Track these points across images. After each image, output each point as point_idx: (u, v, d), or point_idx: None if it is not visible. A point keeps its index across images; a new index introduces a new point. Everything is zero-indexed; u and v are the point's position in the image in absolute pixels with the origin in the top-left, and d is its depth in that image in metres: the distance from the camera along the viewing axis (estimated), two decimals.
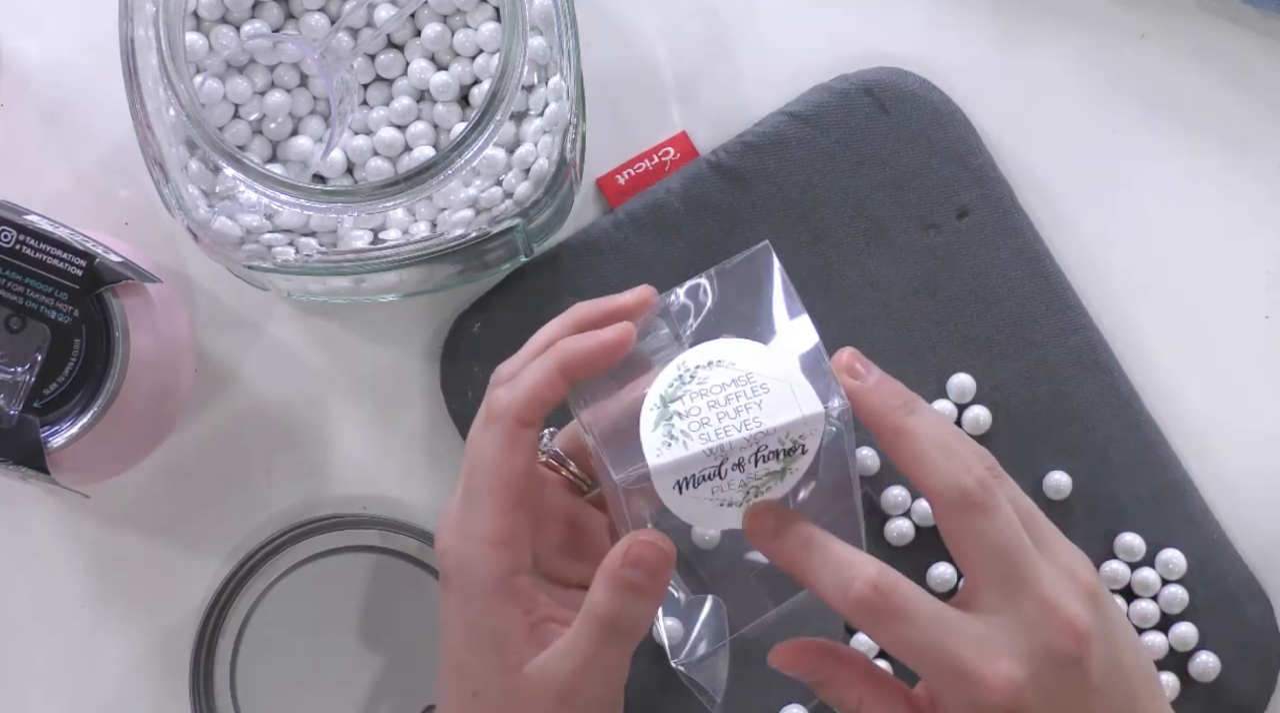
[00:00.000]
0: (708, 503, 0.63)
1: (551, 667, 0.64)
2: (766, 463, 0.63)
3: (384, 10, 0.78)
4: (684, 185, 0.83)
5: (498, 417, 0.66)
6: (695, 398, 0.63)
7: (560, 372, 0.66)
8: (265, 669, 0.82)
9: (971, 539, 0.64)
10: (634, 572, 0.63)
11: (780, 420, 0.62)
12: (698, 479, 0.62)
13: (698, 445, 0.62)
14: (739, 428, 0.62)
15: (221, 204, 0.75)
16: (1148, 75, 0.85)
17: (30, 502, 0.83)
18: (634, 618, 0.63)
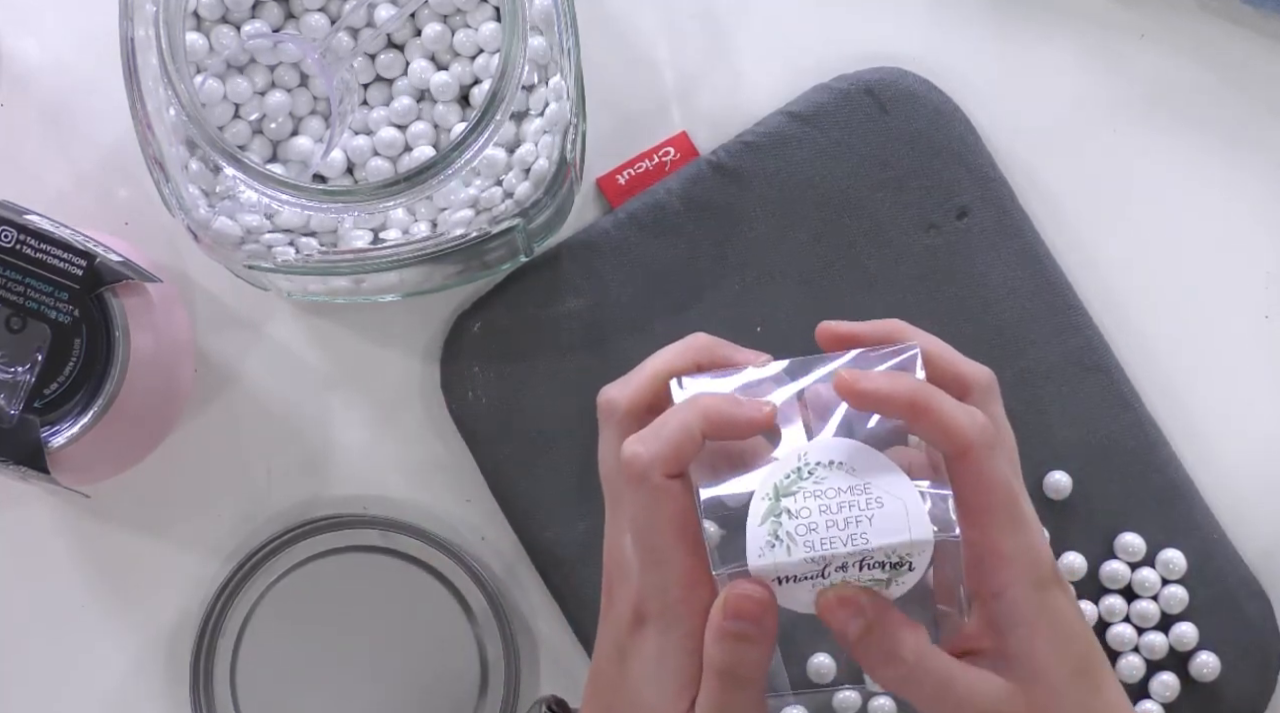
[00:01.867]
0: (808, 595, 0.62)
1: None
2: (872, 571, 0.62)
3: (384, 10, 0.78)
4: (684, 185, 0.83)
5: (643, 478, 0.64)
6: (808, 498, 0.62)
7: (704, 432, 0.64)
8: (265, 669, 0.82)
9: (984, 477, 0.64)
10: (738, 624, 0.62)
11: (886, 541, 0.61)
12: (799, 579, 0.62)
13: (801, 553, 0.61)
14: (845, 541, 0.61)
15: (222, 204, 0.75)
16: (1148, 75, 0.85)
17: (30, 502, 0.83)
18: (750, 665, 0.63)
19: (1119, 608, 0.82)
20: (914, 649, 0.62)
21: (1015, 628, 0.63)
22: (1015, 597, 0.63)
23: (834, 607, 0.62)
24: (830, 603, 0.62)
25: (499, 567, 0.84)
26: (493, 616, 0.82)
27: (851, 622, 0.62)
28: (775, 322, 0.82)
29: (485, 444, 0.82)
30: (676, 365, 0.67)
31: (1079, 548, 0.82)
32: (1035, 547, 0.64)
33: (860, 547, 0.61)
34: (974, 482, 0.63)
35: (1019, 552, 0.64)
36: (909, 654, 0.62)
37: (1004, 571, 0.63)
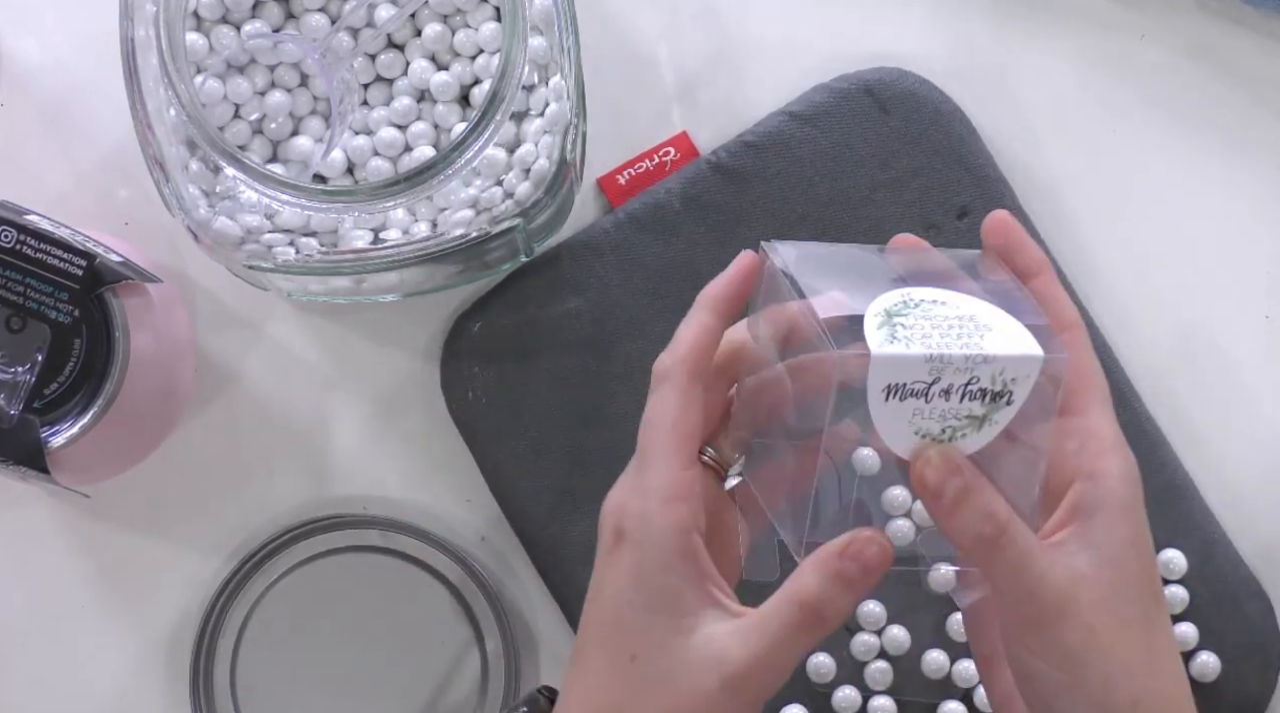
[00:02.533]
0: (905, 425, 0.62)
1: (729, 645, 0.62)
2: (972, 402, 0.62)
3: (384, 10, 0.78)
4: (684, 185, 0.83)
5: (664, 375, 0.65)
6: (919, 319, 0.62)
7: (710, 312, 0.65)
8: (265, 669, 0.82)
9: None
10: (851, 565, 0.62)
11: (1002, 351, 0.61)
12: (905, 391, 0.61)
13: (919, 349, 0.61)
14: (960, 347, 0.61)
15: (222, 204, 0.75)
16: (1148, 75, 0.85)
17: (30, 502, 0.83)
18: (836, 609, 0.62)
19: None
20: (1006, 514, 0.61)
21: (1105, 514, 0.62)
22: (1112, 486, 0.63)
23: (935, 465, 0.62)
24: (929, 459, 0.62)
25: (499, 567, 0.84)
26: (493, 616, 0.82)
27: (951, 479, 0.61)
28: None
29: (485, 444, 0.82)
30: (725, 302, 0.66)
31: None
32: (1127, 445, 0.64)
33: (976, 351, 0.61)
34: (1075, 362, 0.63)
35: (1118, 442, 0.64)
36: (1002, 516, 0.61)
37: (1105, 456, 0.63)
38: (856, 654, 0.81)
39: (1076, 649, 0.61)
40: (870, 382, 0.61)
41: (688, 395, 0.65)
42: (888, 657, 0.81)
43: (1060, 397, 0.63)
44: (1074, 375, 0.64)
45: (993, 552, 0.61)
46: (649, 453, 0.64)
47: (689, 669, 0.62)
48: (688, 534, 0.63)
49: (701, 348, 0.65)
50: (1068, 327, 0.64)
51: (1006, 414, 0.62)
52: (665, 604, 0.63)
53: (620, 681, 0.63)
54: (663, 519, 0.63)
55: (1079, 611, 0.61)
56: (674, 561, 0.63)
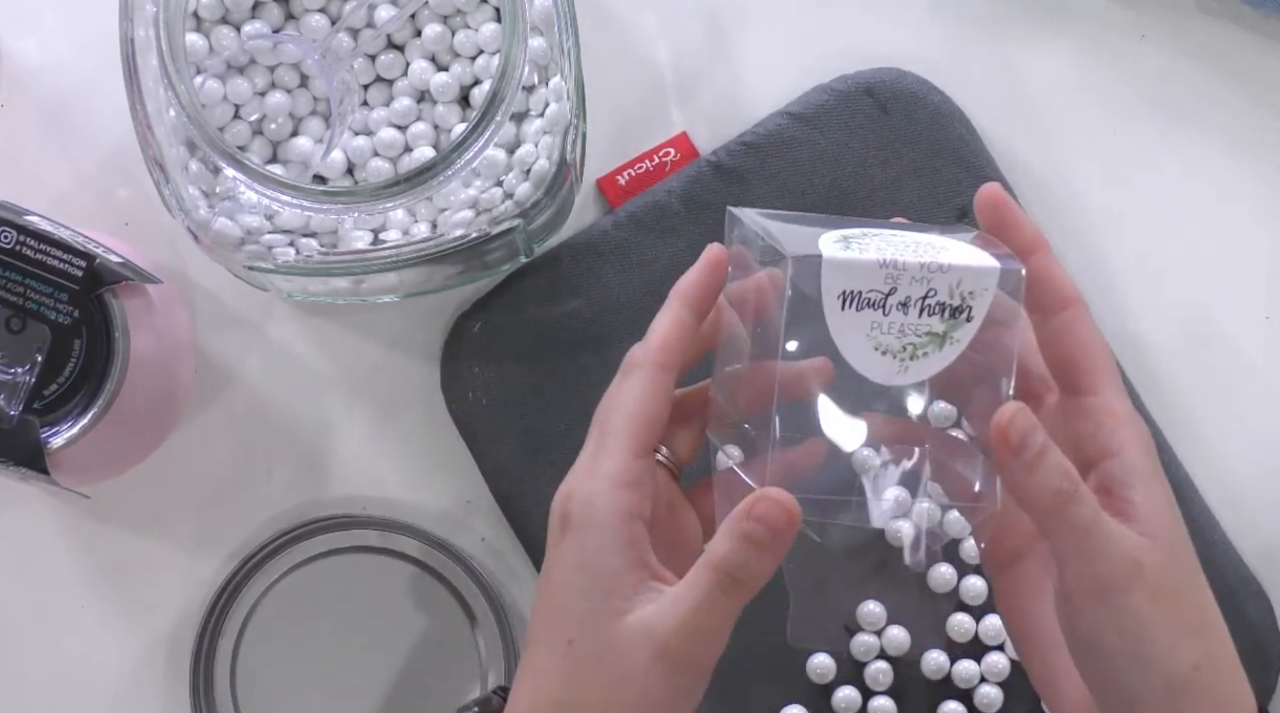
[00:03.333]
0: (864, 338, 0.62)
1: (655, 618, 0.63)
2: (931, 317, 0.61)
3: (384, 11, 0.78)
4: (684, 186, 0.83)
5: (636, 364, 0.66)
6: (873, 238, 0.62)
7: (682, 305, 0.66)
8: (265, 670, 0.82)
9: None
10: (757, 527, 0.62)
11: (957, 261, 0.61)
12: (862, 301, 0.61)
13: (873, 255, 0.61)
14: (915, 256, 0.61)
15: (222, 205, 0.75)
16: (1148, 75, 0.85)
17: (30, 502, 0.83)
18: (751, 572, 0.62)
19: None
20: (1077, 474, 0.61)
21: (1137, 486, 0.62)
22: (1134, 457, 0.63)
23: (1017, 425, 0.60)
24: (1012, 421, 0.60)
25: (499, 567, 0.84)
26: (492, 616, 0.82)
27: (1034, 435, 0.60)
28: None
29: (485, 444, 0.82)
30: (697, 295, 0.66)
31: None
32: (1139, 416, 0.64)
33: (931, 259, 0.61)
34: (1078, 340, 0.63)
35: (1131, 415, 0.63)
36: (1076, 474, 0.61)
37: (1122, 430, 0.63)
38: (856, 655, 0.81)
39: (1142, 616, 0.61)
40: (825, 288, 0.61)
41: (655, 386, 0.65)
42: (888, 657, 0.81)
43: (1021, 318, 0.63)
44: (1081, 354, 0.63)
45: (1068, 509, 0.60)
46: (605, 438, 0.65)
47: (621, 648, 0.63)
48: (631, 520, 0.64)
49: (673, 341, 0.66)
50: (1069, 303, 0.64)
51: (967, 331, 0.62)
52: (602, 588, 0.63)
53: (560, 667, 0.63)
54: (608, 503, 0.64)
55: (1144, 576, 0.61)
56: (615, 544, 0.63)
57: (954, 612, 0.81)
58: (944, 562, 0.81)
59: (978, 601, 0.81)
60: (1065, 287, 0.64)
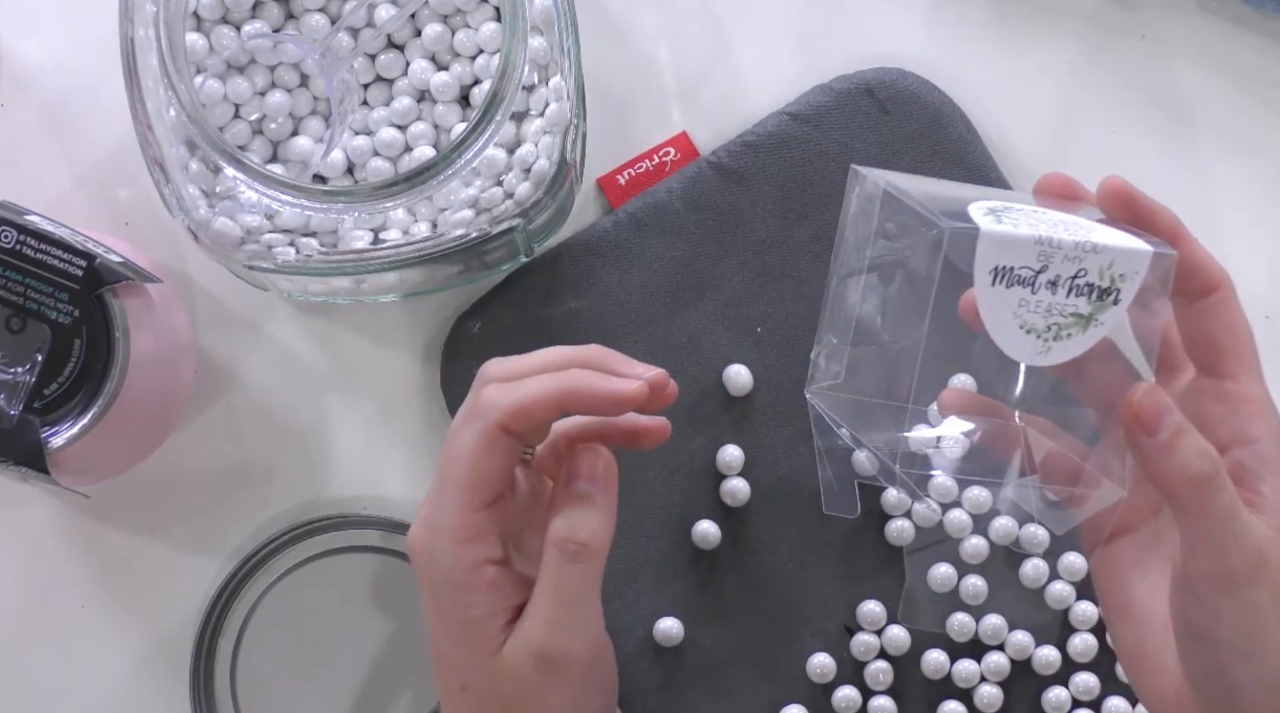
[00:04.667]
0: (1010, 316, 0.60)
1: (524, 630, 0.64)
2: (1079, 297, 0.60)
3: (384, 10, 0.78)
4: (684, 185, 0.83)
5: (481, 415, 0.65)
6: (1022, 216, 0.61)
7: (561, 398, 0.65)
8: (265, 669, 0.82)
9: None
10: (583, 483, 0.63)
11: (1111, 242, 0.60)
12: (1012, 277, 0.60)
13: (1027, 230, 0.60)
14: (1070, 234, 0.60)
15: (222, 204, 0.75)
16: (1148, 75, 0.85)
17: (30, 502, 0.83)
18: (591, 529, 0.63)
19: None
20: (1218, 455, 0.60)
21: (1268, 477, 0.61)
22: (1268, 447, 0.61)
23: (1147, 406, 0.59)
24: (1142, 402, 0.59)
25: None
26: None
27: (1167, 416, 0.59)
28: (775, 322, 0.82)
29: None
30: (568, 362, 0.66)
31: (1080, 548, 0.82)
32: (1276, 406, 0.62)
33: (1085, 238, 0.60)
34: (1224, 323, 0.62)
35: (1268, 405, 0.62)
36: (1216, 456, 0.59)
37: (1259, 419, 0.61)
38: (856, 654, 0.81)
39: (1263, 609, 0.59)
40: (978, 262, 0.60)
41: (494, 444, 0.64)
42: (888, 657, 0.81)
43: (1167, 306, 0.61)
44: (1225, 336, 0.62)
45: (1205, 493, 0.59)
46: (445, 487, 0.65)
47: (508, 674, 0.64)
48: (479, 569, 0.64)
49: (529, 417, 0.64)
50: (1216, 287, 0.62)
51: (1113, 315, 0.61)
52: (470, 636, 0.65)
53: (463, 711, 0.65)
54: (451, 560, 0.64)
55: (1270, 570, 0.59)
56: (469, 597, 0.64)
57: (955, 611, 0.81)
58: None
59: (978, 600, 0.81)
60: (1213, 270, 0.62)
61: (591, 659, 0.64)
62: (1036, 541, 0.81)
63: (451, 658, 0.66)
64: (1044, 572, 0.81)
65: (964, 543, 0.81)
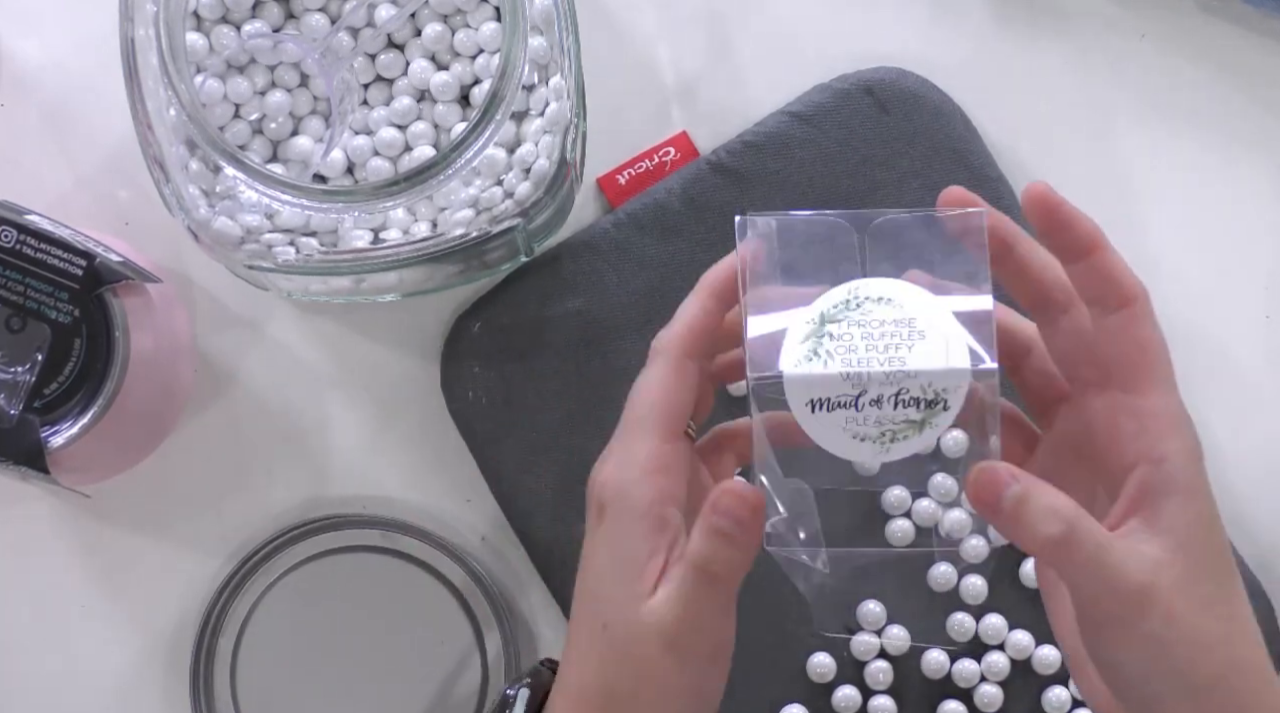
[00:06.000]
0: (840, 431, 0.62)
1: (663, 609, 0.64)
2: (906, 409, 0.61)
3: (384, 10, 0.78)
4: (684, 185, 0.83)
5: (659, 351, 0.66)
6: (853, 326, 0.62)
7: (710, 295, 0.66)
8: (265, 669, 0.82)
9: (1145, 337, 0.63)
10: (723, 521, 0.63)
11: (922, 366, 0.61)
12: (832, 404, 0.61)
13: (837, 367, 0.61)
14: (882, 363, 0.61)
15: (222, 204, 0.75)
16: (1148, 75, 0.85)
17: (30, 502, 0.83)
18: (725, 564, 0.63)
19: None
20: (1072, 511, 0.60)
21: (1172, 496, 0.61)
22: (1177, 466, 0.61)
23: (983, 483, 0.61)
24: (978, 480, 0.61)
25: (499, 567, 0.84)
26: (493, 616, 0.82)
27: (1007, 488, 0.60)
28: None
29: (485, 444, 0.82)
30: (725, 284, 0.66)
31: None
32: (1188, 419, 0.63)
33: (897, 368, 0.61)
34: (1136, 336, 0.62)
35: (1178, 419, 0.62)
36: (1068, 513, 0.60)
37: (1169, 437, 0.62)
38: (856, 654, 0.81)
39: (1158, 636, 0.60)
40: (791, 400, 0.62)
41: (679, 372, 0.65)
42: (888, 657, 0.81)
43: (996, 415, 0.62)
44: (1136, 350, 0.62)
45: (1065, 551, 0.60)
46: (633, 425, 0.65)
47: (643, 636, 0.64)
48: (663, 506, 0.64)
49: (697, 328, 0.66)
50: (1129, 301, 0.62)
51: (946, 418, 0.62)
52: (631, 574, 0.64)
53: (597, 650, 0.65)
54: (639, 491, 0.64)
55: (1158, 598, 0.60)
56: (644, 531, 0.64)
57: (955, 611, 0.81)
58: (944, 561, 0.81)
59: (978, 600, 0.81)
60: (1126, 284, 0.62)
61: (715, 654, 0.65)
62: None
63: (603, 595, 0.65)
64: None
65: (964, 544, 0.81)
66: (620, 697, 0.64)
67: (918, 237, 0.65)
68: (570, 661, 0.66)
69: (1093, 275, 0.62)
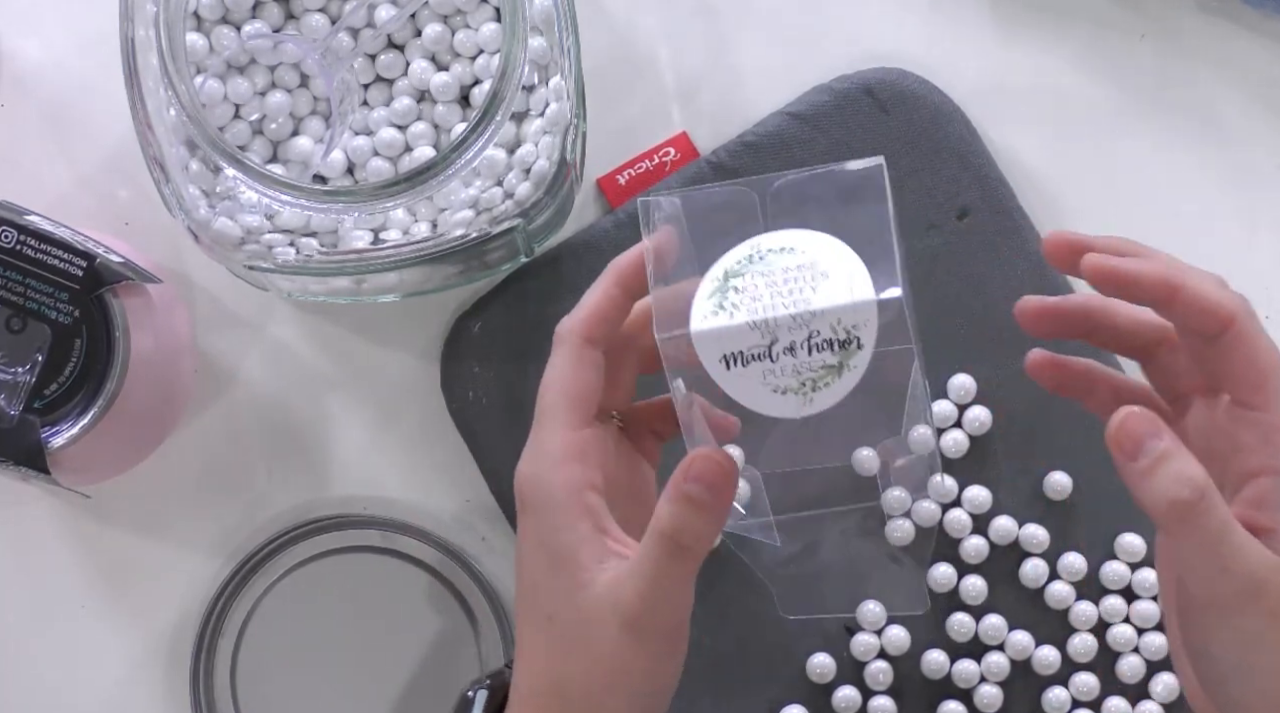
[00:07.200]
0: (759, 386, 0.61)
1: (619, 588, 0.63)
2: (821, 353, 0.61)
3: (384, 10, 0.78)
4: (685, 185, 0.83)
5: (562, 339, 0.66)
6: (757, 277, 0.61)
7: (615, 282, 0.66)
8: (265, 669, 0.82)
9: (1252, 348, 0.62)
10: (695, 487, 0.62)
11: (827, 303, 0.60)
12: (746, 357, 0.61)
13: (743, 317, 0.61)
14: (788, 307, 0.61)
15: (222, 204, 0.75)
16: (1148, 75, 0.85)
17: (31, 502, 0.83)
18: (696, 534, 0.62)
19: (1119, 609, 0.82)
20: (1204, 479, 0.59)
21: None
22: None
23: (1128, 431, 0.60)
24: (1123, 426, 0.60)
25: (499, 566, 0.84)
26: (492, 615, 0.82)
27: (1151, 440, 0.59)
28: None
29: (485, 444, 0.82)
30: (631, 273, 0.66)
31: (1080, 548, 0.82)
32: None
33: (802, 309, 0.60)
34: (1245, 355, 0.61)
35: None
36: (1201, 481, 0.59)
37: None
38: (856, 654, 0.81)
39: (1258, 634, 0.59)
40: (703, 358, 0.61)
41: (580, 358, 0.66)
42: (888, 657, 0.81)
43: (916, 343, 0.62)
44: (1248, 369, 0.62)
45: (1191, 519, 0.59)
46: (542, 417, 0.66)
47: (593, 620, 0.63)
48: (582, 492, 0.65)
49: (600, 314, 0.66)
50: (1228, 324, 0.61)
51: (862, 358, 0.61)
52: (565, 563, 0.64)
53: (544, 643, 0.65)
54: (554, 480, 0.65)
55: (1266, 595, 0.59)
56: (568, 520, 0.64)
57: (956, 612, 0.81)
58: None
59: (978, 600, 0.81)
60: (1222, 308, 0.61)
61: (674, 633, 0.65)
62: (1036, 541, 0.81)
63: (541, 587, 0.65)
64: (1044, 572, 0.81)
65: (963, 543, 0.81)
66: (571, 688, 0.64)
67: (818, 192, 0.64)
68: (519, 660, 0.66)
69: (1185, 312, 0.62)
